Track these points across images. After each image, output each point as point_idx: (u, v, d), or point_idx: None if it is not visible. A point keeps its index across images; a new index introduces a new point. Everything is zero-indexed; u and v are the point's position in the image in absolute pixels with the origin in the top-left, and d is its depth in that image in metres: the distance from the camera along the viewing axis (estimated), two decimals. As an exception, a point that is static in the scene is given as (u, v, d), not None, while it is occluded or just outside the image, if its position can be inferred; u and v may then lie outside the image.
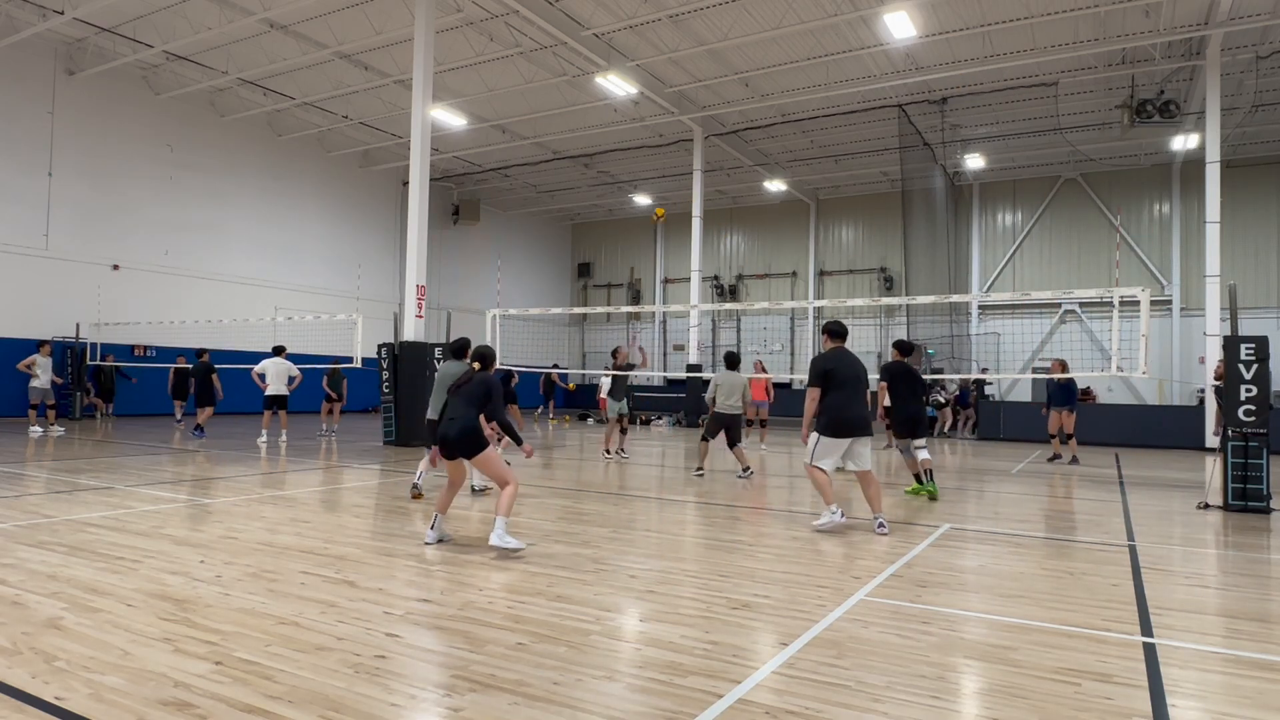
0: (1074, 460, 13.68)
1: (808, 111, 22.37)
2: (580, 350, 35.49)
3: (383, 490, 8.99)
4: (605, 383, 24.71)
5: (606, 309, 16.93)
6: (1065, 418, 13.72)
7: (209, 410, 15.33)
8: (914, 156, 22.53)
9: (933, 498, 8.99)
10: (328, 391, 17.20)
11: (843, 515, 6.82)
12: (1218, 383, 10.93)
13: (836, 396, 6.78)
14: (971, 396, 22.34)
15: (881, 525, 6.75)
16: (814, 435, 6.86)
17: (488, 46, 18.63)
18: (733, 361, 10.98)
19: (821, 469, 6.83)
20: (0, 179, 18.39)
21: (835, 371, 6.83)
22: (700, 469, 10.90)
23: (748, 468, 10.68)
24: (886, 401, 9.64)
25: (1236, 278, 19.05)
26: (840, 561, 5.71)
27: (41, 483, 8.78)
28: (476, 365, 6.04)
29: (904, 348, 9.77)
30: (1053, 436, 14.05)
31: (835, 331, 7.13)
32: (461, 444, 5.71)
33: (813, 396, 6.90)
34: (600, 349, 33.03)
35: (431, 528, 5.98)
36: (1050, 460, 13.86)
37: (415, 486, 8.44)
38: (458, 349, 8.40)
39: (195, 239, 22.36)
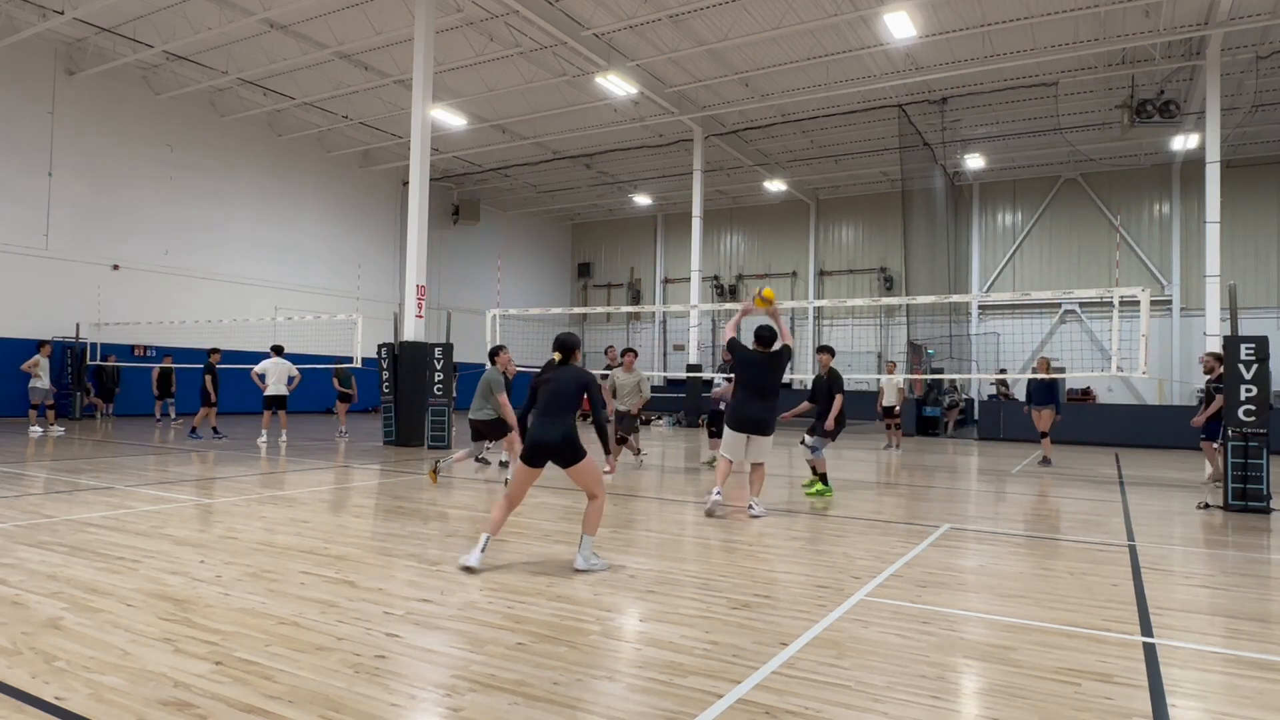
0: (1045, 461, 13.28)
1: (808, 111, 22.38)
2: (580, 350, 35.46)
3: (383, 490, 8.99)
4: None
5: (606, 309, 16.95)
6: (1045, 416, 13.33)
7: (202, 410, 15.13)
8: (914, 156, 22.53)
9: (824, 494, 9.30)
10: (341, 390, 17.05)
11: (719, 495, 7.42)
12: (1208, 377, 10.82)
13: (736, 395, 7.53)
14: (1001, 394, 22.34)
15: (751, 508, 7.52)
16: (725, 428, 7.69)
17: (488, 46, 18.63)
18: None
19: (725, 457, 7.59)
20: (0, 179, 18.40)
21: (740, 374, 7.55)
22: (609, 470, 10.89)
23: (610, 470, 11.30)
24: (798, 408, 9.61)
25: (1236, 278, 19.04)
26: (840, 561, 5.71)
27: (41, 483, 8.78)
28: (558, 356, 5.40)
29: (830, 352, 9.66)
30: (1044, 435, 13.52)
31: (758, 336, 7.64)
32: (563, 451, 5.15)
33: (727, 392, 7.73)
34: (599, 349, 32.99)
35: (482, 550, 5.12)
36: (1042, 463, 13.42)
37: (436, 467, 9.33)
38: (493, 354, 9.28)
39: (195, 239, 22.37)
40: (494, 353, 9.92)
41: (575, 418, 5.30)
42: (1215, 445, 10.51)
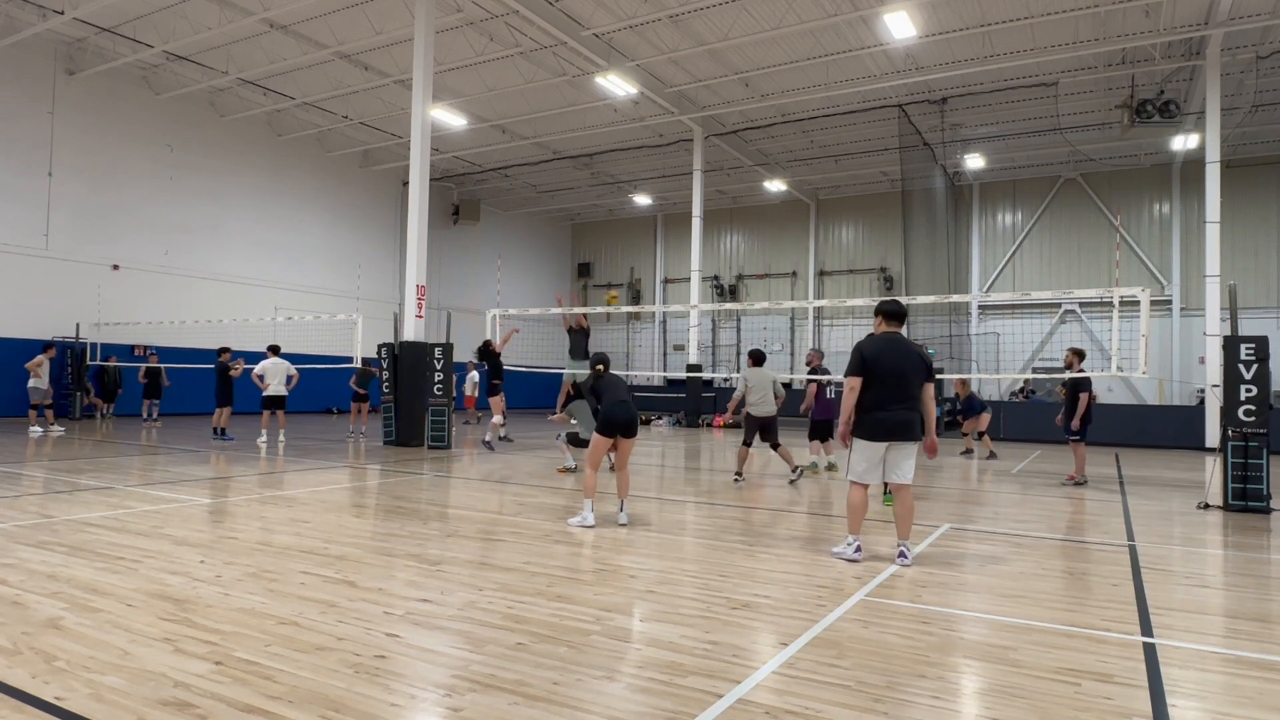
0: (991, 455, 14.86)
1: (808, 111, 22.38)
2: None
3: (383, 490, 8.99)
4: (473, 376, 23.74)
5: (606, 309, 16.93)
6: (979, 420, 15.25)
7: (226, 410, 15.03)
8: (914, 156, 22.53)
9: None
10: (356, 390, 16.79)
11: (859, 552, 5.73)
12: (1068, 373, 10.99)
13: (873, 393, 5.65)
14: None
15: (903, 555, 5.60)
16: (853, 440, 5.82)
17: (488, 46, 18.63)
18: (759, 359, 10.39)
19: (859, 484, 5.79)
20: (0, 179, 18.40)
21: (878, 360, 5.66)
22: (739, 474, 10.24)
23: (797, 468, 10.35)
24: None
25: (1236, 278, 19.04)
26: (840, 562, 5.70)
27: (41, 483, 8.78)
28: (602, 367, 7.50)
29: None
30: (964, 435, 15.73)
31: (888, 312, 5.91)
32: (630, 427, 7.04)
33: (850, 387, 5.71)
34: (599, 349, 32.94)
35: (591, 511, 6.87)
36: (963, 454, 15.24)
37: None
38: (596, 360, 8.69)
39: (195, 239, 22.37)
40: (598, 361, 8.37)
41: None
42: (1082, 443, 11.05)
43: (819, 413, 11.46)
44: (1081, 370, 10.79)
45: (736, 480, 10.15)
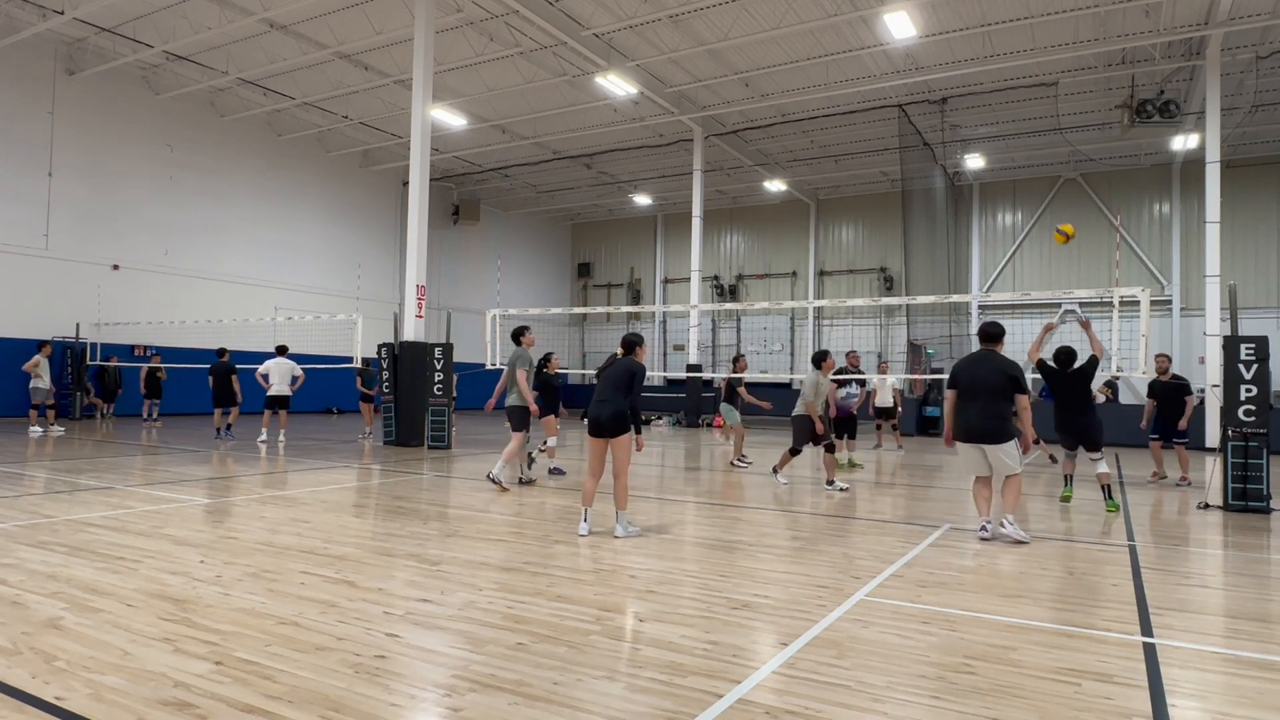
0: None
1: (808, 111, 22.37)
2: (580, 350, 35.50)
3: (383, 490, 8.99)
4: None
5: (606, 309, 16.91)
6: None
7: (234, 411, 15.05)
8: (914, 156, 22.53)
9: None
10: (363, 391, 16.72)
11: (984, 530, 6.60)
12: (1159, 377, 10.86)
13: (958, 401, 6.77)
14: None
15: (984, 529, 6.62)
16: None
17: (488, 46, 18.63)
18: (816, 360, 9.88)
19: (975, 478, 6.84)
20: (0, 179, 18.40)
21: (957, 375, 6.84)
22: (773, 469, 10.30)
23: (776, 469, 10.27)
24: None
25: (1236, 278, 19.03)
26: (840, 561, 5.71)
27: (41, 483, 8.78)
28: (621, 351, 6.73)
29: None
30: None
31: (981, 333, 6.94)
32: (609, 426, 6.36)
33: (948, 399, 6.89)
34: (600, 349, 33.03)
35: (585, 520, 6.46)
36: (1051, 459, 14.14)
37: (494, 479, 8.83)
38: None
39: (195, 239, 22.36)
40: (520, 332, 9.30)
41: (625, 399, 6.38)
42: (1170, 445, 10.95)
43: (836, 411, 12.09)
44: (1175, 375, 10.86)
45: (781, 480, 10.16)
